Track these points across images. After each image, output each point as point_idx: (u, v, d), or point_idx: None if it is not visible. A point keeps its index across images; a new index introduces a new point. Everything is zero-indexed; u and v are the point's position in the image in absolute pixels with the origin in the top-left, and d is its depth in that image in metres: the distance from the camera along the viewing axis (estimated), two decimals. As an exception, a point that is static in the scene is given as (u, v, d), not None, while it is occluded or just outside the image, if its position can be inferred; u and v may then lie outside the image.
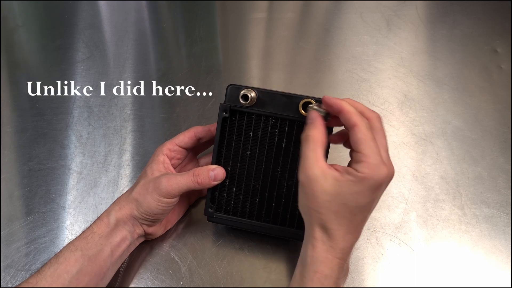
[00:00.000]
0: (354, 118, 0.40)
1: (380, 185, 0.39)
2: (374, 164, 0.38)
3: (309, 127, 0.43)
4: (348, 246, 0.41)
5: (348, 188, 0.39)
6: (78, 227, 0.55)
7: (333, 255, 0.40)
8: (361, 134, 0.39)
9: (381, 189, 0.40)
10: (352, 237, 0.41)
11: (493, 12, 0.75)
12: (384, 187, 0.40)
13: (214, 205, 0.50)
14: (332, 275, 0.40)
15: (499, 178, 0.57)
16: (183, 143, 0.51)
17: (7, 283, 0.51)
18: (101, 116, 0.64)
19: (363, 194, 0.39)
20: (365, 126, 0.40)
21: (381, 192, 0.41)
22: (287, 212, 0.49)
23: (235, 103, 0.48)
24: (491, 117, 0.63)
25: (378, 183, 0.39)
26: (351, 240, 0.41)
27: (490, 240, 0.53)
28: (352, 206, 0.39)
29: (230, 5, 0.78)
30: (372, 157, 0.39)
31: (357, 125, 0.40)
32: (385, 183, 0.40)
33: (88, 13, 0.78)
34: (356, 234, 0.41)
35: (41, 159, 0.60)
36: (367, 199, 0.39)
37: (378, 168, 0.38)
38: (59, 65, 0.70)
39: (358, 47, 0.71)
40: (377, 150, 0.39)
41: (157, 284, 0.50)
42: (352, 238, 0.41)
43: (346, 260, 0.41)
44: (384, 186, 0.40)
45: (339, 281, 0.41)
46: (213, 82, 0.67)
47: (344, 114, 0.41)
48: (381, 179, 0.39)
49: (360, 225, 0.41)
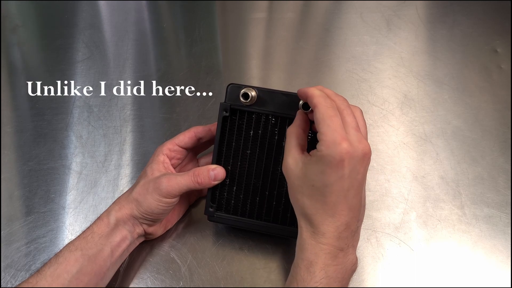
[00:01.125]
0: (315, 100, 0.41)
1: (341, 161, 0.38)
2: (329, 141, 0.39)
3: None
4: (331, 230, 0.40)
5: (311, 168, 0.40)
6: (78, 227, 0.55)
7: (316, 240, 0.41)
8: (319, 114, 0.40)
9: (344, 165, 0.39)
10: (333, 220, 0.40)
11: (493, 12, 0.75)
12: (349, 163, 0.39)
13: (214, 205, 0.50)
14: (317, 261, 0.40)
15: (499, 178, 0.57)
16: (183, 143, 0.51)
17: (7, 283, 0.50)
18: (101, 116, 0.64)
19: (325, 172, 0.39)
20: (326, 106, 0.40)
21: (349, 170, 0.39)
22: (287, 211, 0.49)
23: (236, 102, 0.48)
24: (491, 117, 0.63)
25: (337, 159, 0.38)
26: (333, 224, 0.40)
27: (490, 240, 0.53)
28: (320, 187, 0.40)
29: (230, 5, 0.78)
30: (328, 134, 0.39)
31: (317, 106, 0.40)
32: (348, 159, 0.39)
33: (88, 13, 0.78)
34: (337, 217, 0.40)
35: (41, 159, 0.60)
36: (332, 177, 0.39)
37: (333, 143, 0.38)
38: (59, 65, 0.70)
39: (358, 47, 0.71)
40: (336, 128, 0.39)
41: (157, 284, 0.50)
42: (334, 222, 0.40)
43: (335, 246, 0.40)
44: (349, 162, 0.39)
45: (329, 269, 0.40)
46: (213, 82, 0.67)
47: (308, 98, 0.42)
48: (339, 154, 0.38)
49: (338, 206, 0.40)
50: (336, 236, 0.40)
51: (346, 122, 0.40)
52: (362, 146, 0.40)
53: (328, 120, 0.39)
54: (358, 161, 0.40)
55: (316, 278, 0.40)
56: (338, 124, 0.39)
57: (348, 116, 0.41)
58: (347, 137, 0.39)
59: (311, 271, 0.40)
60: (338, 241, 0.41)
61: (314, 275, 0.40)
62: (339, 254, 0.41)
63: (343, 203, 0.40)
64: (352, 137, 0.39)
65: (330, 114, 0.40)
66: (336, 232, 0.40)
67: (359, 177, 0.41)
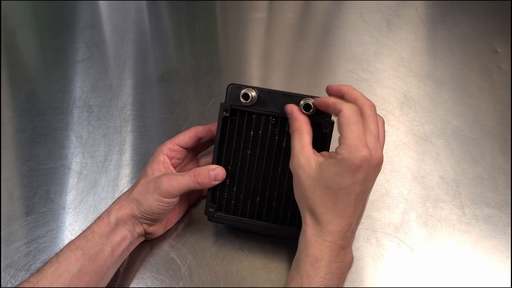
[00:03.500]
0: (339, 106, 0.42)
1: (359, 167, 0.40)
2: (351, 145, 0.40)
3: (292, 121, 0.45)
4: (337, 229, 0.42)
5: (328, 170, 0.41)
6: (78, 227, 0.55)
7: (322, 238, 0.42)
8: (343, 118, 0.41)
9: (360, 171, 0.40)
10: (341, 220, 0.42)
11: (493, 12, 0.75)
12: (365, 169, 0.40)
13: (214, 205, 0.50)
14: (323, 258, 0.41)
15: (499, 178, 0.57)
16: (183, 143, 0.51)
17: (7, 283, 0.50)
18: (101, 116, 0.64)
19: (342, 175, 0.40)
20: (350, 110, 0.41)
21: (363, 176, 0.41)
22: (287, 211, 0.49)
23: (236, 102, 0.48)
24: (491, 117, 0.63)
25: (356, 164, 0.40)
26: (340, 224, 0.42)
27: (490, 240, 0.53)
28: (334, 188, 0.41)
29: (230, 5, 0.78)
30: (351, 139, 0.40)
31: (341, 110, 0.41)
32: (365, 166, 0.40)
33: (88, 13, 0.78)
34: (345, 218, 0.42)
35: (41, 159, 0.60)
36: (348, 181, 0.40)
37: (355, 149, 0.39)
38: (59, 65, 0.70)
39: (358, 47, 0.71)
40: (358, 133, 0.40)
41: (157, 284, 0.50)
42: (341, 222, 0.42)
43: (339, 244, 0.42)
44: (365, 169, 0.40)
45: (333, 265, 0.42)
46: (213, 82, 0.67)
47: (330, 107, 0.43)
48: (359, 160, 0.39)
49: (347, 209, 0.42)
50: (341, 235, 0.42)
51: (369, 129, 0.41)
52: (377, 155, 0.41)
53: (353, 126, 0.40)
54: (372, 169, 0.41)
55: (321, 274, 0.41)
56: (361, 131, 0.40)
57: (373, 123, 0.42)
58: (367, 144, 0.40)
59: (316, 267, 0.41)
60: (342, 240, 0.42)
61: (319, 270, 0.41)
62: (341, 252, 0.42)
63: (352, 206, 0.42)
64: (371, 145, 0.41)
65: (354, 120, 0.41)
66: (341, 231, 0.42)
67: (370, 184, 0.42)
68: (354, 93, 0.43)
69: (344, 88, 0.44)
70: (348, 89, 0.43)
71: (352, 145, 0.40)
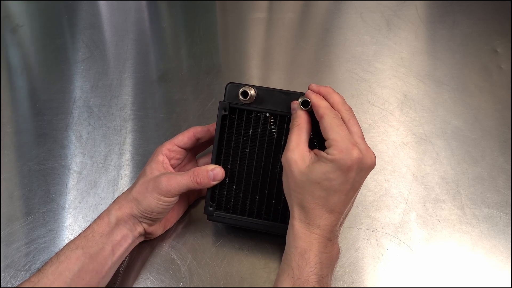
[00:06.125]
0: (321, 111, 0.44)
1: (351, 167, 0.41)
2: (342, 147, 0.41)
3: (295, 116, 0.46)
4: (326, 223, 0.43)
5: (320, 168, 0.42)
6: (78, 227, 0.55)
7: (310, 231, 0.43)
8: (327, 123, 0.43)
9: (352, 170, 0.42)
10: (330, 216, 0.43)
11: (493, 12, 0.75)
12: (356, 169, 0.42)
13: (214, 204, 0.50)
14: (311, 249, 0.42)
15: (499, 178, 0.57)
16: (182, 143, 0.51)
17: (7, 283, 0.51)
18: (101, 116, 0.64)
19: (333, 174, 0.41)
20: (332, 116, 0.43)
21: (354, 175, 0.42)
22: (287, 209, 0.49)
23: (235, 101, 0.48)
24: (491, 117, 0.63)
25: (348, 164, 0.41)
26: (329, 219, 0.43)
27: (490, 240, 0.53)
28: (325, 186, 0.42)
29: (230, 5, 0.78)
30: (339, 141, 0.42)
31: (323, 116, 0.43)
32: (357, 166, 0.42)
33: (88, 13, 0.78)
34: (334, 214, 0.43)
35: (41, 159, 0.60)
36: (339, 180, 0.42)
37: (346, 150, 0.41)
38: (59, 65, 0.70)
39: (358, 47, 0.71)
40: (346, 135, 0.42)
41: (157, 284, 0.50)
42: (330, 217, 0.43)
43: (327, 237, 0.43)
44: (357, 169, 0.42)
45: (322, 255, 0.43)
46: (213, 82, 0.67)
47: (314, 107, 0.45)
48: (351, 160, 0.41)
49: (337, 205, 0.43)
50: (330, 229, 0.43)
51: (353, 131, 0.44)
52: (369, 154, 0.43)
53: (337, 128, 0.42)
54: (364, 168, 0.43)
55: (311, 263, 0.42)
56: (347, 132, 0.43)
57: (355, 125, 0.44)
58: (356, 144, 0.42)
59: (306, 257, 0.42)
60: (329, 234, 0.43)
61: (309, 260, 0.42)
62: (328, 244, 0.44)
63: (342, 202, 0.43)
64: (361, 145, 0.42)
65: (337, 123, 0.43)
66: (330, 225, 0.43)
67: (361, 181, 0.44)
68: (332, 96, 0.45)
69: (323, 90, 0.46)
70: (327, 91, 0.46)
71: (343, 147, 0.41)
